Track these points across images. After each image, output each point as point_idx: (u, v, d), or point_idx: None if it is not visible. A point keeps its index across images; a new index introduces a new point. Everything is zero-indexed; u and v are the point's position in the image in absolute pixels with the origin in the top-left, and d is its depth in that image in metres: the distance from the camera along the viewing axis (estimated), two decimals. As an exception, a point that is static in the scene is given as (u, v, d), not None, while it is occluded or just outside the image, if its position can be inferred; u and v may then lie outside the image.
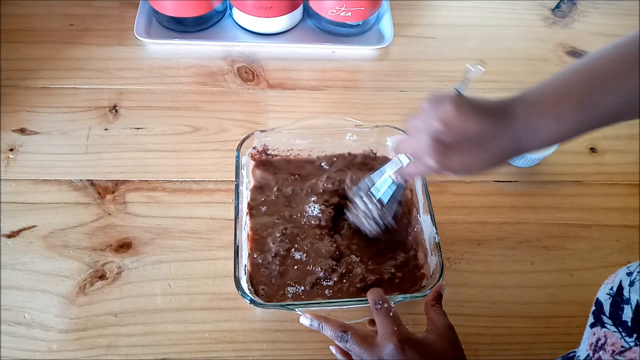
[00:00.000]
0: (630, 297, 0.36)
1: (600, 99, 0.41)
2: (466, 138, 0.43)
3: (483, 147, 0.44)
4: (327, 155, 0.69)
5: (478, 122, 0.43)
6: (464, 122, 0.43)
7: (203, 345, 0.57)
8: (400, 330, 0.46)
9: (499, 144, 0.43)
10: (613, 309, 0.38)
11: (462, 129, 0.43)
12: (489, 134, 0.43)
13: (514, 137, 0.43)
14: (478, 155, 0.44)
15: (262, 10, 0.78)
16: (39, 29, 0.83)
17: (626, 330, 0.36)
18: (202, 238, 0.64)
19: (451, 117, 0.43)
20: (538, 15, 0.92)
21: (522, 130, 0.43)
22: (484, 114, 0.43)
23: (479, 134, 0.43)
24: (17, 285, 0.60)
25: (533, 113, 0.43)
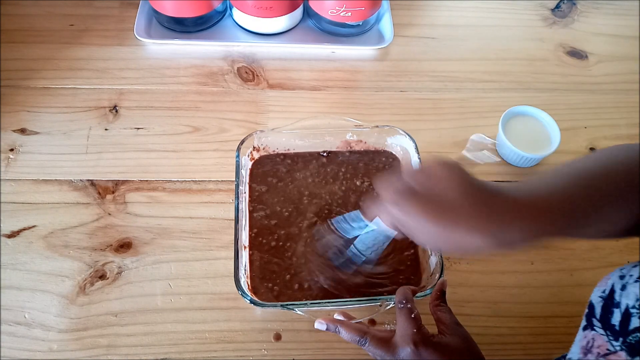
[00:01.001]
0: (621, 301, 0.36)
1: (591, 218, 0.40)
2: (437, 197, 0.40)
3: (447, 216, 0.39)
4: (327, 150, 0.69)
5: (459, 192, 0.39)
6: (445, 183, 0.40)
7: (203, 345, 0.57)
8: (420, 333, 0.47)
9: (467, 225, 0.38)
10: (603, 312, 0.38)
11: (438, 188, 0.40)
12: (463, 209, 0.39)
13: (486, 229, 0.38)
14: (438, 221, 0.39)
15: (262, 10, 0.78)
16: (39, 29, 0.83)
17: (614, 334, 0.36)
18: (202, 238, 0.64)
19: (436, 172, 0.41)
20: (538, 15, 0.92)
21: (500, 228, 0.38)
22: (472, 190, 0.40)
23: (453, 202, 0.39)
24: (17, 285, 0.60)
25: (520, 217, 0.39)
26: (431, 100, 0.79)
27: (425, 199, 0.40)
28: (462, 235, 0.38)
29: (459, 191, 0.39)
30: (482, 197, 0.39)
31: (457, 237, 0.38)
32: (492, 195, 0.40)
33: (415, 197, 0.40)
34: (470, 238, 0.38)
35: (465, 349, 0.46)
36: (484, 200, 0.39)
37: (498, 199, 0.39)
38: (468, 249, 0.39)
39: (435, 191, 0.40)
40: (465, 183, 0.40)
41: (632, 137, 0.77)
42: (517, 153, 0.69)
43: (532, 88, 0.82)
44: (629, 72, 0.85)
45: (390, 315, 0.59)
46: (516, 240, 0.39)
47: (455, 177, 0.40)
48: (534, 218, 0.39)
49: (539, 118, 0.73)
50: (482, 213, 0.38)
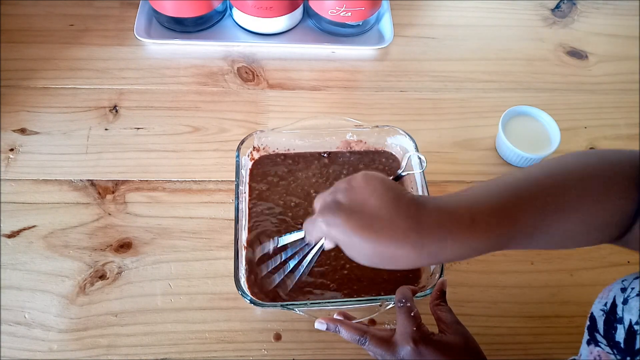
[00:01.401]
0: (624, 316, 0.35)
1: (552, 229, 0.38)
2: (362, 209, 0.38)
3: (374, 228, 0.37)
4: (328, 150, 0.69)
5: (384, 203, 0.38)
6: (368, 192, 0.39)
7: (203, 345, 0.57)
8: (419, 331, 0.47)
9: (397, 238, 0.37)
10: (607, 328, 0.37)
11: (363, 197, 0.39)
12: (391, 221, 0.37)
13: (416, 243, 0.37)
14: (365, 233, 0.37)
15: (262, 10, 0.78)
16: (39, 29, 0.83)
17: (620, 352, 0.35)
18: (202, 238, 0.64)
19: (361, 184, 0.40)
20: (538, 15, 0.92)
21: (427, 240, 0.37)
22: (398, 202, 0.38)
23: (378, 214, 0.38)
24: (17, 285, 0.60)
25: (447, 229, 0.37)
26: (431, 100, 0.79)
27: (350, 211, 0.39)
28: (391, 249, 0.37)
29: (385, 202, 0.38)
30: (411, 209, 0.38)
31: (386, 250, 0.37)
32: (421, 206, 0.38)
33: (341, 210, 0.39)
34: (401, 251, 0.37)
35: (466, 348, 0.46)
36: (413, 211, 0.38)
37: (427, 208, 0.38)
38: (398, 262, 0.38)
39: (362, 203, 0.39)
40: (392, 194, 0.39)
41: (632, 137, 0.77)
42: (517, 153, 0.69)
43: (532, 88, 0.82)
44: (629, 72, 0.85)
45: (390, 315, 0.59)
46: (447, 256, 0.38)
47: (380, 187, 0.39)
48: (463, 230, 0.37)
49: (539, 118, 0.73)
50: (409, 224, 0.37)
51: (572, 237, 0.39)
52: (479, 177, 0.71)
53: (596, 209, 0.38)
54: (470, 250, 0.37)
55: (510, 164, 0.72)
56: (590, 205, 0.38)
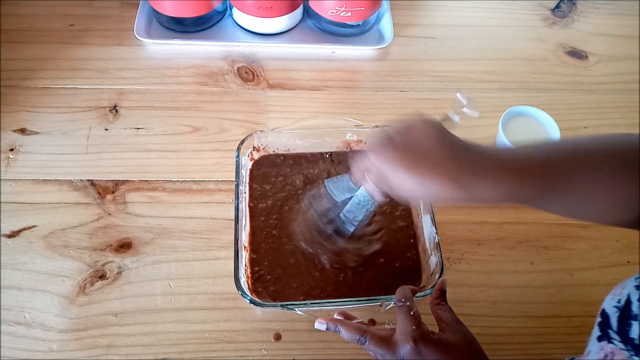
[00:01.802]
0: (639, 312, 0.35)
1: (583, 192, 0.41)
2: (413, 147, 0.41)
3: (422, 164, 0.40)
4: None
5: (434, 145, 0.41)
6: (421, 134, 0.42)
7: (203, 345, 0.57)
8: (419, 330, 0.47)
9: (440, 174, 0.40)
10: (621, 325, 0.37)
11: (415, 137, 0.42)
12: (437, 159, 0.40)
13: (457, 180, 0.40)
14: (413, 168, 0.40)
15: (262, 10, 0.78)
16: (39, 29, 0.83)
17: (634, 349, 0.35)
18: (202, 238, 0.64)
19: (416, 126, 0.43)
20: (538, 15, 0.92)
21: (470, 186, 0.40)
22: (448, 145, 0.41)
23: (428, 153, 0.41)
24: (17, 285, 0.60)
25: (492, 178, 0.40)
26: (431, 100, 0.79)
27: (402, 148, 0.42)
28: (433, 183, 0.40)
29: (435, 143, 0.41)
30: (458, 151, 0.41)
31: (429, 185, 0.40)
32: (469, 151, 0.41)
33: (392, 145, 0.42)
34: (442, 187, 0.40)
35: (466, 346, 0.46)
36: (459, 154, 0.41)
37: (474, 155, 0.41)
38: (438, 198, 0.41)
39: (413, 142, 0.42)
40: (443, 137, 0.42)
41: (632, 137, 0.77)
42: (517, 153, 0.69)
43: (532, 88, 0.82)
44: (629, 72, 0.85)
45: (390, 315, 0.59)
46: (485, 196, 0.40)
47: (433, 130, 0.42)
48: (506, 177, 0.40)
49: (539, 118, 0.73)
50: (455, 164, 0.40)
51: (598, 206, 0.42)
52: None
53: (625, 182, 0.40)
54: (507, 197, 0.40)
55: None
56: (620, 178, 0.41)
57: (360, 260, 0.60)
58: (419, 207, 0.62)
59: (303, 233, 0.60)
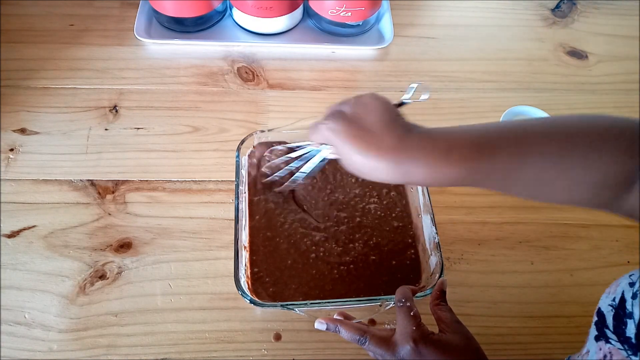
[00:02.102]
0: (633, 310, 0.35)
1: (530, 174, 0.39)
2: (361, 121, 0.43)
3: (364, 139, 0.42)
4: None
5: (379, 121, 0.42)
6: (371, 110, 0.43)
7: (203, 345, 0.57)
8: (419, 330, 0.47)
9: (378, 150, 0.41)
10: (616, 323, 0.37)
11: (364, 112, 0.43)
12: (378, 135, 0.41)
13: (392, 158, 0.40)
14: (356, 142, 0.42)
15: (262, 10, 0.78)
16: (39, 29, 0.83)
17: (631, 347, 0.35)
18: (202, 238, 0.64)
19: (366, 101, 0.44)
20: (538, 15, 0.92)
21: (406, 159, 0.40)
22: (391, 122, 0.42)
23: (372, 128, 0.42)
24: (17, 285, 0.60)
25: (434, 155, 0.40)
26: (431, 100, 0.78)
27: (350, 121, 0.43)
28: (373, 161, 0.41)
29: (380, 120, 0.42)
30: (400, 130, 0.42)
31: (369, 162, 0.41)
32: (409, 131, 0.42)
33: (342, 118, 0.43)
34: (380, 164, 0.40)
35: (466, 347, 0.46)
36: (400, 132, 0.41)
37: (415, 135, 0.41)
38: (378, 175, 0.41)
39: (361, 117, 0.43)
40: (389, 115, 0.43)
41: (632, 137, 0.77)
42: (517, 153, 0.69)
43: (532, 88, 0.82)
44: (629, 72, 0.85)
45: (390, 315, 0.59)
46: (419, 177, 0.40)
47: (381, 108, 0.43)
48: (437, 158, 0.39)
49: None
50: (393, 142, 0.41)
51: (554, 189, 0.40)
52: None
53: (583, 164, 0.38)
54: (441, 177, 0.40)
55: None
56: (575, 159, 0.38)
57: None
58: (419, 207, 0.62)
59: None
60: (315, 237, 0.62)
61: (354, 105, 0.45)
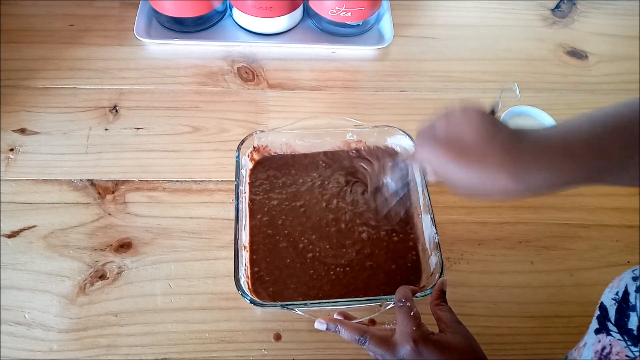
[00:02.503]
0: (636, 303, 0.36)
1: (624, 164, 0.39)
2: (457, 139, 0.40)
3: (471, 157, 0.39)
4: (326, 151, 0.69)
5: (481, 136, 0.39)
6: (467, 127, 0.40)
7: (203, 345, 0.57)
8: (419, 330, 0.46)
9: (494, 165, 0.38)
10: (619, 316, 0.37)
11: (460, 131, 0.40)
12: (488, 150, 0.39)
13: (512, 171, 0.38)
14: (461, 160, 0.39)
15: (262, 10, 0.78)
16: (39, 29, 0.83)
17: (632, 339, 0.35)
18: (202, 238, 0.64)
19: (459, 118, 0.41)
20: (538, 15, 0.92)
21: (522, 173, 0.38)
22: (495, 134, 0.39)
23: (474, 144, 0.39)
24: (17, 285, 0.60)
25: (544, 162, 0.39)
26: (431, 100, 0.79)
27: (446, 142, 0.40)
28: (488, 175, 0.38)
29: (480, 133, 0.39)
30: (507, 139, 0.39)
31: (483, 177, 0.38)
32: (517, 138, 0.39)
33: (437, 141, 0.41)
34: (497, 179, 0.38)
35: (466, 347, 0.46)
36: (509, 142, 0.39)
37: (524, 141, 0.39)
38: (494, 191, 0.39)
39: (458, 135, 0.40)
40: (487, 126, 0.40)
41: (632, 137, 0.77)
42: (517, 153, 0.69)
43: (532, 88, 0.82)
44: (629, 72, 0.85)
45: (390, 315, 0.59)
46: (542, 185, 0.38)
47: (475, 120, 0.40)
48: (561, 161, 0.38)
49: (539, 118, 0.73)
50: (507, 154, 0.38)
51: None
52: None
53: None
54: (565, 181, 0.39)
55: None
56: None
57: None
58: (419, 207, 0.62)
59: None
60: (314, 237, 0.62)
61: (446, 125, 0.41)
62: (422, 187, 0.61)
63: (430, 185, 0.62)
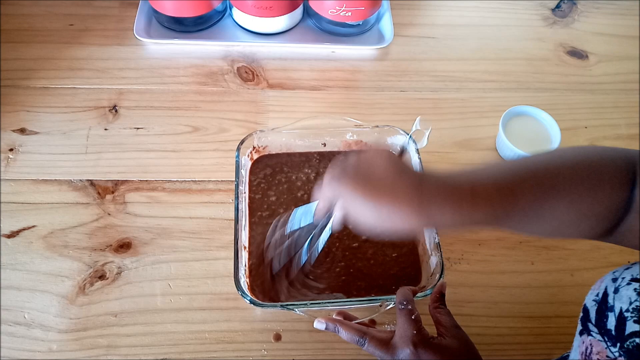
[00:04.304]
0: (615, 304, 0.36)
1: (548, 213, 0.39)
2: (369, 177, 0.41)
3: (381, 193, 0.39)
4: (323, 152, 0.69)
5: (389, 173, 0.41)
6: (377, 165, 0.41)
7: (203, 346, 0.57)
8: (419, 334, 0.47)
9: (402, 203, 0.39)
10: (598, 317, 0.37)
11: (369, 167, 0.41)
12: (396, 188, 0.39)
13: (421, 209, 0.39)
14: (372, 196, 0.39)
15: (262, 10, 0.78)
16: (39, 29, 0.83)
17: (611, 339, 0.35)
18: (202, 238, 0.64)
19: (367, 157, 0.42)
20: (538, 15, 0.92)
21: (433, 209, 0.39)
22: (402, 173, 0.41)
23: (385, 182, 0.40)
24: (17, 285, 0.60)
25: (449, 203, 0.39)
26: (431, 100, 0.79)
27: (355, 178, 0.41)
28: (393, 211, 0.39)
29: (390, 173, 0.40)
30: (413, 178, 0.40)
31: (388, 212, 0.39)
32: (424, 177, 0.41)
33: (347, 177, 0.41)
34: (405, 212, 0.38)
35: (465, 352, 0.46)
36: (416, 182, 0.40)
37: (431, 180, 0.40)
38: (400, 225, 0.39)
39: (367, 172, 0.41)
40: (395, 164, 0.41)
41: (632, 137, 0.77)
42: (518, 153, 0.69)
43: (532, 88, 0.82)
44: (629, 72, 0.85)
45: (390, 315, 0.59)
46: (445, 222, 0.39)
47: (388, 161, 0.42)
48: (465, 200, 0.39)
49: (539, 118, 0.73)
50: (414, 189, 0.39)
51: (564, 225, 0.40)
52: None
53: (589, 198, 0.39)
54: (467, 220, 0.39)
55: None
56: (583, 194, 0.39)
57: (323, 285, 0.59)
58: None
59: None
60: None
61: (355, 162, 0.42)
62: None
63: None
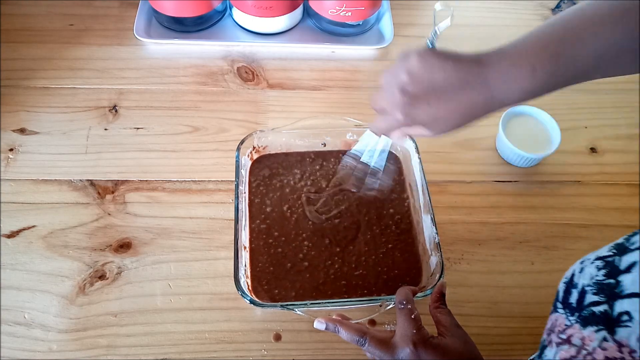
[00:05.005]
0: (579, 282, 0.37)
1: (574, 50, 0.41)
2: (432, 88, 0.43)
3: (451, 97, 0.43)
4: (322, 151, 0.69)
5: (444, 71, 0.43)
6: (429, 71, 0.43)
7: (203, 346, 0.57)
8: (419, 334, 0.46)
9: (469, 93, 0.42)
10: (565, 295, 0.38)
11: (427, 79, 0.43)
12: (457, 82, 0.42)
13: (485, 87, 0.42)
14: (446, 106, 0.43)
15: (262, 10, 0.78)
16: (39, 29, 0.83)
17: (571, 310, 0.36)
18: (202, 238, 0.64)
19: (416, 68, 0.43)
20: (538, 15, 0.92)
21: (494, 80, 0.42)
22: (451, 63, 0.43)
23: (446, 82, 0.43)
24: (17, 285, 0.60)
25: (507, 63, 0.43)
26: (431, 100, 0.79)
27: (424, 97, 0.43)
28: (474, 110, 0.42)
29: (450, 72, 0.43)
30: (474, 68, 0.43)
31: (466, 108, 0.42)
32: (482, 64, 0.43)
33: (417, 101, 0.44)
34: (476, 101, 0.42)
35: (465, 351, 0.46)
36: (476, 69, 0.43)
37: (489, 65, 0.43)
38: (475, 111, 0.43)
39: (429, 84, 0.43)
40: (451, 62, 0.43)
41: (632, 137, 0.77)
42: (517, 153, 0.69)
43: (532, 88, 0.81)
44: (629, 72, 0.85)
45: (390, 315, 0.59)
46: (515, 90, 0.42)
47: (437, 62, 0.43)
48: (526, 61, 0.42)
49: (539, 118, 0.73)
50: (476, 72, 0.42)
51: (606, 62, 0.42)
52: (479, 177, 0.71)
53: (626, 35, 0.41)
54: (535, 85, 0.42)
55: (511, 164, 0.72)
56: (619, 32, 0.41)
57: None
58: (419, 207, 0.62)
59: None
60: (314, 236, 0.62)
61: (411, 80, 0.44)
62: (422, 186, 0.61)
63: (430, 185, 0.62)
